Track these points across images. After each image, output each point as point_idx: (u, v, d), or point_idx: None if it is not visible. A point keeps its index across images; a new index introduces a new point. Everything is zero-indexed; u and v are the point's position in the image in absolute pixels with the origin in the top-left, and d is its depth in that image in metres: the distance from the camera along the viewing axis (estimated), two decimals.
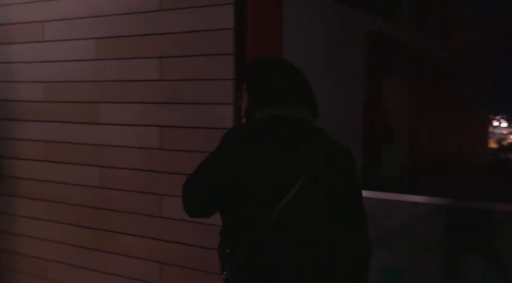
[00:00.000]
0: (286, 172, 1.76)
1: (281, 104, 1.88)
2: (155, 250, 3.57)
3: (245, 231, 1.76)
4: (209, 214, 1.91)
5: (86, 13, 3.75)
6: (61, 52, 3.90)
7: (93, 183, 3.82)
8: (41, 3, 3.99)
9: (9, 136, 4.26)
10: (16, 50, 4.18)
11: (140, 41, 3.55)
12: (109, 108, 3.72)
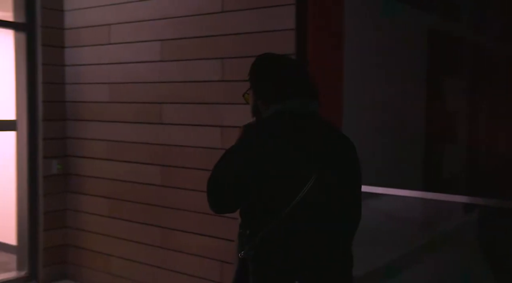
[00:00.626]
0: (304, 163, 1.82)
1: (288, 99, 1.92)
2: (216, 248, 3.61)
3: (266, 216, 1.82)
4: (238, 207, 1.91)
5: (151, 16, 3.85)
6: (127, 54, 4.02)
7: (155, 181, 3.91)
8: (107, 7, 4.12)
9: (76, 136, 4.43)
10: (83, 53, 4.33)
11: (202, 43, 3.61)
12: (171, 109, 3.80)
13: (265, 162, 1.79)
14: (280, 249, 1.82)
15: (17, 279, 4.37)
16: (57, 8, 4.38)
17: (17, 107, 4.39)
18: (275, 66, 2.04)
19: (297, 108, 1.92)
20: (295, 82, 1.97)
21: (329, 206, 1.84)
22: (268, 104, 1.96)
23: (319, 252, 1.84)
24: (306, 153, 1.83)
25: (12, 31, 4.36)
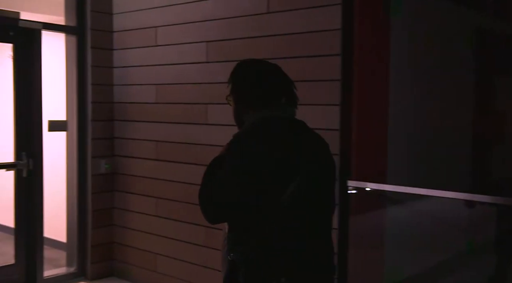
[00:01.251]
0: (288, 166, 1.87)
1: (267, 106, 1.99)
2: None
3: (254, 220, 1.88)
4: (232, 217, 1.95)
5: (197, 18, 3.91)
6: (173, 56, 4.09)
7: (200, 181, 3.95)
8: (154, 10, 4.20)
9: (123, 136, 4.53)
10: (130, 55, 4.43)
11: (248, 43, 3.63)
12: (217, 109, 3.84)
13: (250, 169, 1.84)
14: (267, 250, 1.87)
15: (66, 275, 4.50)
16: (106, 11, 4.50)
17: (67, 108, 4.52)
18: (254, 73, 2.07)
19: (278, 114, 1.98)
20: (275, 88, 2.02)
21: (312, 204, 1.91)
22: (249, 110, 2.02)
23: (305, 248, 1.90)
24: (288, 157, 1.88)
25: (64, 35, 4.49)
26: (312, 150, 1.99)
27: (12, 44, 4.20)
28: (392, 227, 3.44)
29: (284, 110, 2.02)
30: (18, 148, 4.24)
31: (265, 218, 1.86)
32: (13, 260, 4.32)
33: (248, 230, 1.90)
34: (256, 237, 1.87)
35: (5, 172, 4.39)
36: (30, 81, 4.23)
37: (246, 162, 1.86)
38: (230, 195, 1.87)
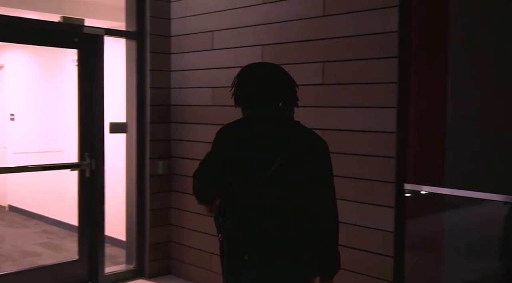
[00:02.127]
0: (264, 156, 2.14)
1: (256, 105, 2.26)
2: None
3: (234, 204, 2.16)
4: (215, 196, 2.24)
5: (253, 22, 3.97)
6: (229, 59, 4.17)
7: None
8: (211, 14, 4.30)
9: (180, 138, 4.65)
10: (187, 59, 4.55)
11: (303, 47, 3.66)
12: None
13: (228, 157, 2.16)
14: (242, 229, 2.15)
15: (125, 272, 4.65)
16: (164, 17, 4.63)
17: (127, 110, 4.68)
18: (248, 77, 2.31)
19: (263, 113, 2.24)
20: (266, 91, 2.26)
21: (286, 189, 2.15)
22: (244, 109, 2.32)
23: (275, 229, 2.15)
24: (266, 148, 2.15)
25: (124, 40, 4.66)
26: (291, 142, 2.18)
27: (77, 49, 4.39)
28: (449, 231, 3.39)
29: (271, 110, 2.26)
30: (82, 149, 4.42)
31: (242, 200, 2.13)
32: (77, 256, 4.52)
33: (229, 213, 2.17)
34: (235, 218, 2.15)
35: (70, 172, 4.60)
36: (92, 85, 4.41)
37: (221, 149, 2.20)
38: (208, 177, 2.22)
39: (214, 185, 2.21)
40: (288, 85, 2.33)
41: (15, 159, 6.66)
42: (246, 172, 2.13)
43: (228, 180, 2.17)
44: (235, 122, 2.28)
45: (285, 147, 2.16)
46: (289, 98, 2.32)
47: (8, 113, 7.63)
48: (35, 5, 5.17)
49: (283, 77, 2.32)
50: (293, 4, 3.71)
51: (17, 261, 5.37)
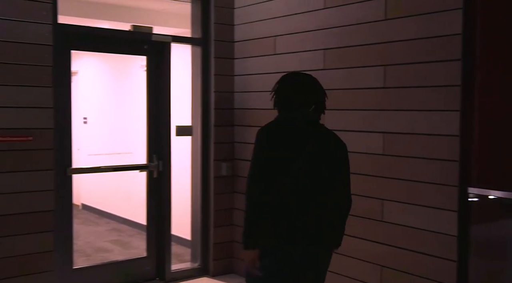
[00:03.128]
0: (302, 152, 2.54)
1: (291, 110, 2.66)
2: (376, 253, 3.66)
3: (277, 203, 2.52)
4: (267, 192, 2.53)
5: (315, 26, 4.03)
6: (291, 63, 4.25)
7: None
8: (273, 20, 4.39)
9: (242, 140, 4.77)
10: (250, 64, 4.66)
11: (365, 51, 3.69)
12: (333, 115, 3.92)
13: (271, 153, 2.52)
14: (274, 218, 2.52)
15: (190, 270, 4.82)
16: (228, 23, 4.77)
17: (192, 114, 4.85)
18: (283, 85, 2.73)
19: (296, 116, 2.64)
20: (299, 98, 2.66)
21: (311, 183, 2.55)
22: (280, 112, 2.73)
23: (305, 215, 2.53)
24: (299, 144, 2.55)
25: (190, 46, 4.84)
26: (321, 141, 2.62)
27: (146, 56, 4.61)
28: None
29: (302, 114, 2.65)
30: (150, 151, 4.63)
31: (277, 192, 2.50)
32: (145, 253, 4.72)
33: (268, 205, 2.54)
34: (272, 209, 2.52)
35: (138, 173, 4.82)
36: (160, 90, 4.61)
37: (264, 142, 2.57)
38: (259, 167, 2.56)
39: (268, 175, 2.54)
40: (319, 95, 2.71)
41: (89, 160, 7.02)
42: (281, 166, 2.52)
43: (272, 170, 2.53)
44: (272, 123, 2.67)
45: (312, 146, 2.58)
46: (319, 105, 2.70)
47: (82, 117, 8.04)
48: (107, 14, 5.46)
49: (315, 88, 2.71)
50: (355, 9, 3.74)
51: (91, 256, 5.68)
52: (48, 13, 3.79)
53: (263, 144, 2.58)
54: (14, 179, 3.71)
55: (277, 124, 2.64)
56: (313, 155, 2.56)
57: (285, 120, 2.66)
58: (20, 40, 3.68)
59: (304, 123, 2.63)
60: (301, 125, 2.62)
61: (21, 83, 3.70)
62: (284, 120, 2.66)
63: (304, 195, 2.54)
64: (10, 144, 3.68)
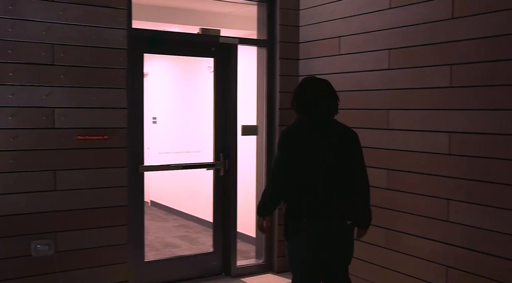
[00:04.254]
0: (317, 147, 3.04)
1: (309, 111, 3.09)
2: (441, 253, 3.63)
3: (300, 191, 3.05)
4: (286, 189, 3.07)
5: (380, 26, 4.04)
6: (355, 64, 4.27)
7: (380, 184, 4.08)
8: (338, 21, 4.43)
9: None
10: (314, 64, 4.72)
11: (431, 50, 3.67)
12: (398, 115, 3.93)
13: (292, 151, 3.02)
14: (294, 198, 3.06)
15: (256, 266, 4.94)
16: (293, 24, 4.85)
17: (258, 114, 4.97)
18: (300, 90, 3.14)
19: (313, 117, 3.09)
20: (314, 100, 3.08)
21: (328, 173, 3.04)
22: (298, 113, 3.14)
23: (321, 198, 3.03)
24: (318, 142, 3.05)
25: (255, 47, 4.96)
26: (333, 137, 3.09)
27: (213, 58, 4.77)
28: None
29: (317, 114, 3.09)
30: (217, 150, 4.78)
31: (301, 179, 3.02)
32: (211, 249, 4.89)
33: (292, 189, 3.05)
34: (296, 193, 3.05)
35: (204, 171, 4.99)
36: (227, 90, 4.75)
37: (285, 142, 3.06)
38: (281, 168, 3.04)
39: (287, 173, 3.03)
40: (332, 98, 3.15)
41: (158, 158, 7.29)
42: (306, 162, 3.01)
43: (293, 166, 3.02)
44: (294, 125, 3.14)
45: (331, 138, 3.08)
46: (331, 107, 3.14)
47: (151, 116, 8.36)
48: (177, 18, 5.68)
49: (330, 92, 3.15)
50: (421, 8, 3.73)
51: (160, 251, 5.92)
52: (123, 19, 4.01)
53: (284, 144, 3.07)
54: (91, 175, 3.95)
55: (295, 127, 3.12)
56: (328, 148, 3.05)
57: (302, 121, 3.12)
58: (98, 44, 3.92)
59: (318, 122, 3.11)
60: (315, 124, 3.10)
61: (99, 85, 3.95)
62: (301, 121, 3.12)
63: (322, 179, 3.03)
64: (88, 142, 3.93)
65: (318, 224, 3.04)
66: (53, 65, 3.77)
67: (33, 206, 3.75)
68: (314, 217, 3.03)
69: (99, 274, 4.02)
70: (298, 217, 3.06)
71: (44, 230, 3.80)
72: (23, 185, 3.71)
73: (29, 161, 3.72)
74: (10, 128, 3.65)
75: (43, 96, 3.74)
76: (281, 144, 3.09)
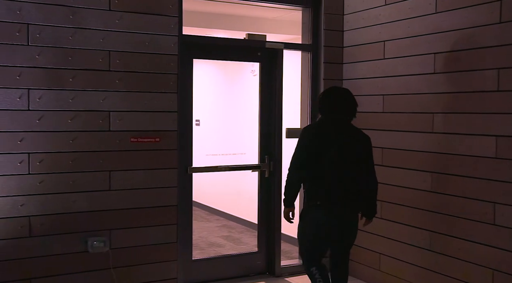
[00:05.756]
0: (333, 144, 3.55)
1: (330, 114, 3.65)
2: (487, 256, 3.65)
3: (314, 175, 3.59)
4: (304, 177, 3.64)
5: (425, 31, 4.08)
6: (400, 68, 4.32)
7: (425, 187, 4.12)
8: (383, 25, 4.49)
9: None
10: (359, 68, 4.79)
11: (478, 54, 3.69)
12: (444, 118, 3.96)
13: (313, 145, 3.55)
14: (312, 188, 3.62)
15: (299, 266, 5.00)
16: (337, 29, 4.93)
17: (302, 117, 5.06)
18: (325, 96, 3.72)
19: (334, 118, 3.64)
20: (334, 105, 3.64)
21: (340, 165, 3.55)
22: (321, 115, 3.72)
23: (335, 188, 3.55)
24: (336, 139, 3.57)
25: (300, 52, 5.06)
26: (348, 138, 3.62)
27: (259, 63, 4.89)
28: None
29: (337, 116, 3.63)
30: (262, 152, 4.90)
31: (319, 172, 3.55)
32: (256, 248, 5.01)
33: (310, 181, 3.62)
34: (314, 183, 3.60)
35: (248, 172, 5.11)
36: (272, 94, 4.87)
37: (306, 138, 3.61)
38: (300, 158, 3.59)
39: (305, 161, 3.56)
40: (350, 104, 3.66)
41: (204, 160, 7.45)
42: (322, 154, 3.53)
43: (312, 157, 3.54)
44: (316, 123, 3.84)
45: (346, 138, 3.60)
46: (350, 111, 3.67)
47: (194, 119, 8.53)
48: (224, 24, 5.83)
49: (349, 100, 3.67)
50: (468, 12, 3.76)
51: (204, 250, 6.07)
52: (174, 26, 4.18)
53: (304, 139, 3.61)
54: (143, 176, 4.13)
55: (318, 124, 3.75)
56: (341, 145, 3.56)
57: (324, 121, 3.68)
58: (151, 51, 4.10)
59: (336, 124, 3.63)
60: (335, 124, 3.63)
61: (151, 90, 4.12)
62: (323, 121, 3.69)
63: (335, 173, 3.54)
64: (141, 144, 4.11)
65: (328, 207, 3.56)
66: (109, 71, 3.97)
67: (90, 205, 3.95)
68: (326, 200, 3.56)
69: (150, 271, 4.19)
70: (312, 199, 3.60)
71: (100, 228, 3.99)
72: (81, 184, 3.91)
73: (86, 162, 3.92)
74: (70, 131, 3.86)
75: (100, 101, 3.94)
76: (303, 135, 3.63)
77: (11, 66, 3.65)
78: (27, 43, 3.69)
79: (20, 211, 3.73)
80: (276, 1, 4.84)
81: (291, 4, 4.93)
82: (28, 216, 3.75)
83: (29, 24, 3.69)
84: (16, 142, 3.69)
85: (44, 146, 3.78)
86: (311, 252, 3.73)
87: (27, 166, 3.73)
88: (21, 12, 3.66)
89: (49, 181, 3.80)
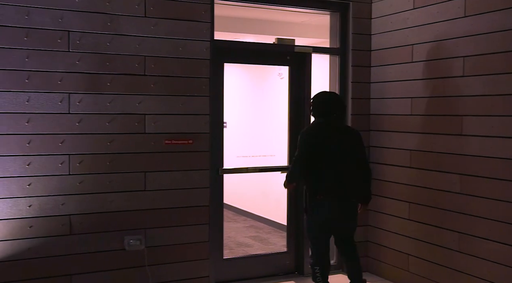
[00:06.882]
0: (329, 142, 3.99)
1: (323, 116, 4.06)
2: None
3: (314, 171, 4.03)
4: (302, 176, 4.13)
5: (454, 34, 4.13)
6: (429, 71, 4.38)
7: (453, 189, 4.16)
8: (411, 29, 4.55)
9: (379, 145, 4.96)
10: (387, 71, 4.85)
11: (507, 57, 3.73)
12: (473, 121, 4.00)
13: (311, 146, 3.98)
14: (312, 182, 4.03)
15: None
16: (365, 33, 5.01)
17: None
18: (315, 101, 4.13)
19: (327, 121, 4.05)
20: (326, 108, 4.06)
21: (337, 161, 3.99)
22: (315, 118, 4.13)
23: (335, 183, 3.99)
24: (330, 138, 3.99)
25: (328, 55, 5.15)
26: (340, 136, 4.05)
27: (288, 66, 4.99)
28: None
29: (328, 119, 4.05)
30: (291, 154, 5.00)
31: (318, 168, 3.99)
32: (285, 248, 5.11)
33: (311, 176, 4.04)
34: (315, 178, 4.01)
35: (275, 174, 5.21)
36: (301, 97, 4.96)
37: (305, 140, 4.02)
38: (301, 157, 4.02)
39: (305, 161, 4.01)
40: (340, 107, 4.10)
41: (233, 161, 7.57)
42: (320, 152, 3.97)
43: (311, 157, 3.98)
44: (312, 125, 4.15)
45: (338, 137, 4.02)
46: (339, 114, 4.12)
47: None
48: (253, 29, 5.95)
49: (340, 103, 4.13)
50: (497, 16, 3.80)
51: (233, 249, 6.20)
52: (207, 31, 4.31)
53: (303, 141, 4.02)
54: (177, 177, 4.27)
55: (312, 128, 4.11)
56: (336, 142, 3.99)
57: (318, 123, 4.07)
58: (184, 56, 4.24)
59: (330, 124, 4.05)
60: (327, 126, 4.04)
61: (185, 94, 4.26)
62: (318, 123, 4.08)
63: (332, 167, 3.97)
64: (175, 146, 4.25)
65: (330, 200, 3.98)
66: (145, 75, 4.12)
67: (126, 204, 4.10)
68: (327, 195, 3.98)
69: (183, 269, 4.32)
70: (315, 195, 4.01)
71: (136, 227, 4.14)
72: (118, 185, 4.07)
73: (123, 163, 4.08)
74: (108, 133, 4.02)
75: (136, 104, 4.09)
76: (301, 139, 4.05)
77: (53, 71, 3.83)
78: (68, 50, 3.86)
79: (61, 210, 3.90)
80: (305, 6, 4.95)
81: (320, 9, 5.02)
82: (68, 214, 3.92)
83: (69, 31, 3.86)
84: (58, 144, 3.86)
85: (84, 148, 3.94)
86: (317, 246, 4.14)
87: (67, 167, 3.90)
88: (62, 20, 3.83)
89: (88, 181, 3.97)
